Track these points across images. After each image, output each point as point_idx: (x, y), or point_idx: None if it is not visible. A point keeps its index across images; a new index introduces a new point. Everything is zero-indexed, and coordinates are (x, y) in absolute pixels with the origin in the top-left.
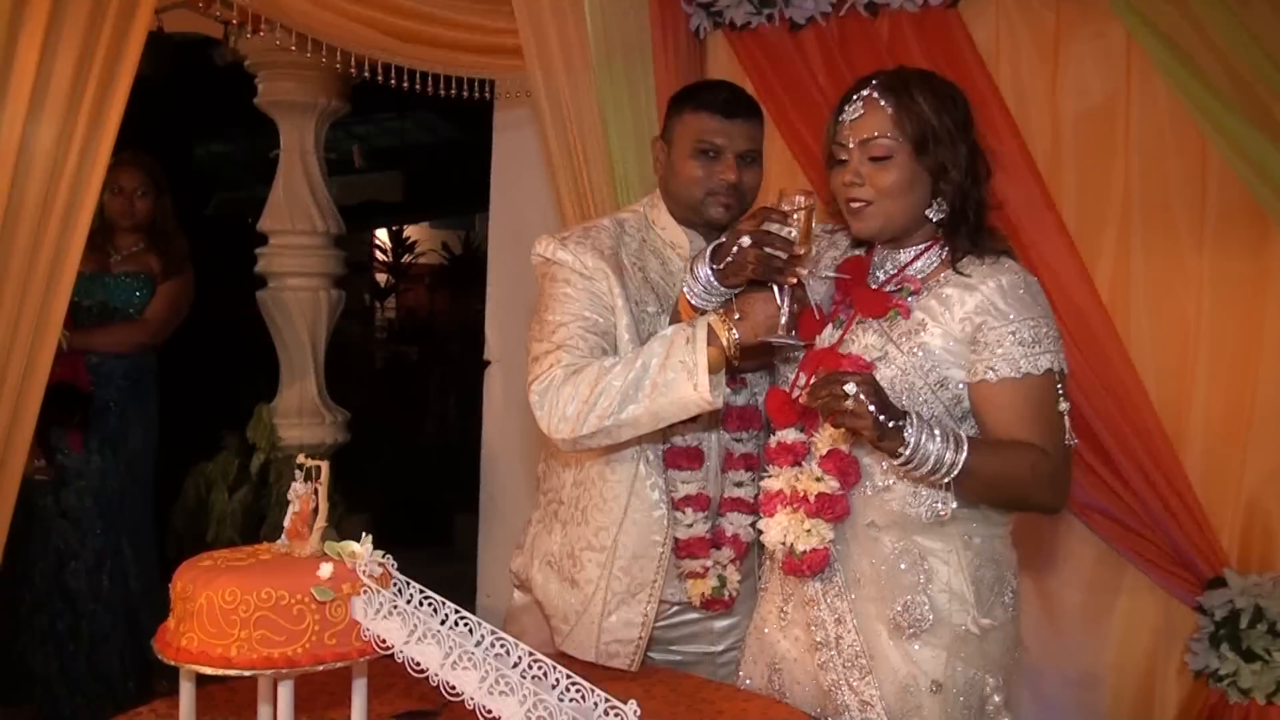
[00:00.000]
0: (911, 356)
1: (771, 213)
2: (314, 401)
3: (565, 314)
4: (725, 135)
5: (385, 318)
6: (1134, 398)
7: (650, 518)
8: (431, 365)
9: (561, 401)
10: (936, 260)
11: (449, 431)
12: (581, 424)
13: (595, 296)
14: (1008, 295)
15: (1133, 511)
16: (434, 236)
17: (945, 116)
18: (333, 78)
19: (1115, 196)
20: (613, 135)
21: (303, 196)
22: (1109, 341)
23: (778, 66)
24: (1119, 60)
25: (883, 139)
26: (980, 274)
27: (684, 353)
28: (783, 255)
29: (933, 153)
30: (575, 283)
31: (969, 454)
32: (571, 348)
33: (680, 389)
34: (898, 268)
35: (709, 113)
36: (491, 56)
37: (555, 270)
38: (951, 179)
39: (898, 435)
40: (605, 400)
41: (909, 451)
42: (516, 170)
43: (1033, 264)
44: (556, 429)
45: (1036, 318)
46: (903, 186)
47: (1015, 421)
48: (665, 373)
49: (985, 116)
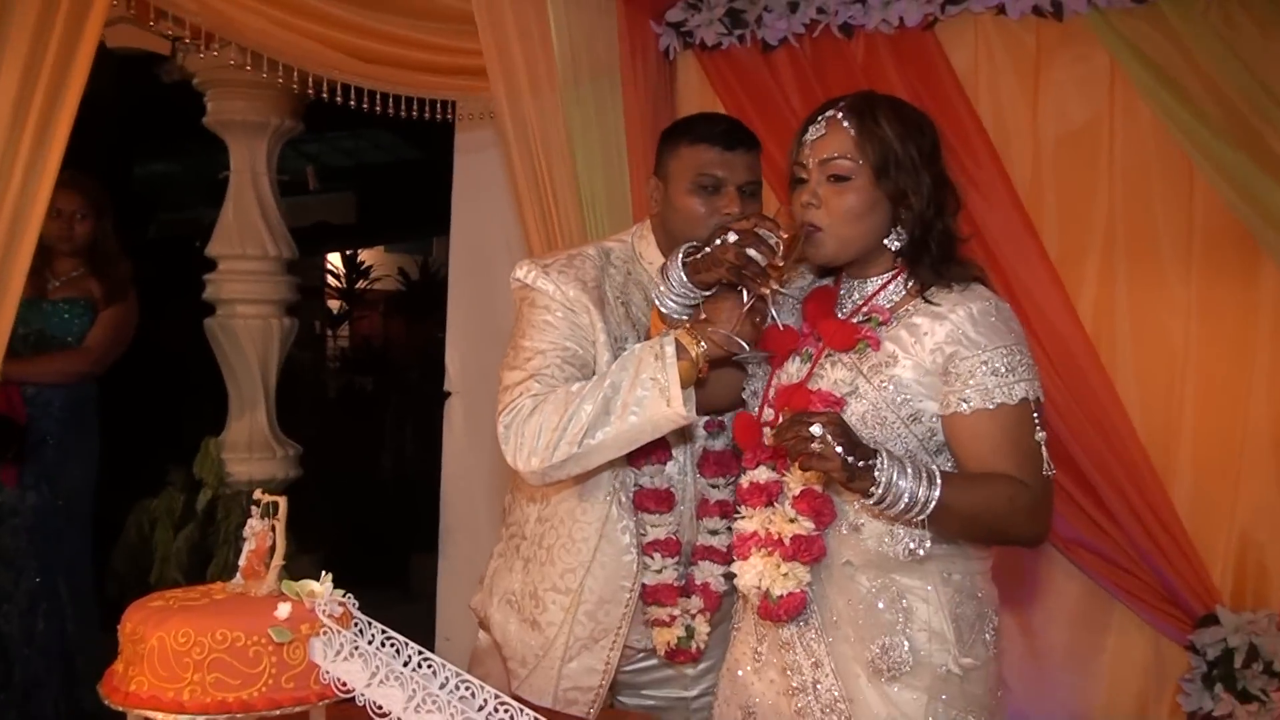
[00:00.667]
0: (882, 391)
1: (766, 220)
2: (264, 434)
3: (544, 341)
4: (726, 167)
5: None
6: (1119, 430)
7: (619, 562)
8: (388, 396)
9: (529, 433)
10: (904, 289)
11: (406, 466)
12: (552, 453)
13: (577, 328)
14: (979, 323)
15: (1119, 547)
16: (390, 261)
17: (910, 144)
18: (286, 96)
19: (1098, 223)
20: (580, 158)
21: (253, 219)
22: (1093, 372)
23: (750, 88)
24: (1101, 84)
25: (842, 160)
26: (950, 302)
27: (654, 369)
28: (762, 261)
29: (893, 178)
30: (556, 311)
31: (943, 489)
32: (545, 377)
33: (653, 406)
34: (864, 297)
35: (708, 145)
36: (454, 77)
37: (535, 297)
38: (911, 207)
39: (867, 475)
40: (575, 425)
41: (880, 490)
42: (479, 194)
43: (1013, 293)
44: (525, 462)
45: (1009, 345)
46: (860, 210)
47: (991, 453)
48: (636, 390)
49: (964, 142)
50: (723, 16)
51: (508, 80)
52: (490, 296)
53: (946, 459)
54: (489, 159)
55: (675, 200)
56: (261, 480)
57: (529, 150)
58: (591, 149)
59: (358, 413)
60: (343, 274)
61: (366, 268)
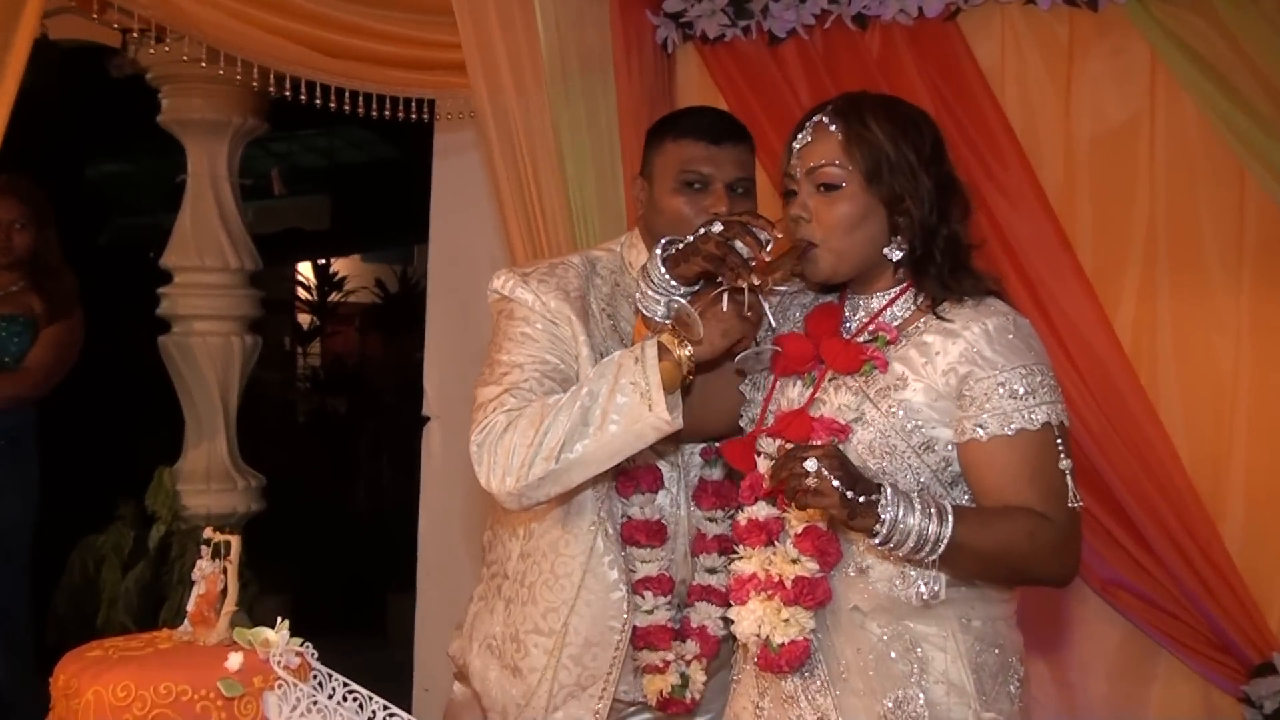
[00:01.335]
0: (891, 416)
1: (760, 218)
2: (224, 464)
3: (522, 355)
4: (712, 163)
5: (308, 365)
6: (1163, 459)
7: (607, 600)
8: (362, 421)
9: (502, 451)
10: (913, 305)
11: (382, 498)
12: (527, 471)
13: (558, 341)
14: (995, 341)
15: (1164, 588)
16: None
17: (904, 144)
18: (248, 93)
19: (1138, 232)
20: (569, 161)
21: (213, 228)
22: (1133, 396)
23: (755, 84)
24: (1141, 78)
25: (829, 166)
26: (963, 318)
27: (634, 373)
28: (746, 254)
29: (887, 182)
30: (535, 323)
31: (955, 526)
32: (522, 391)
33: (634, 412)
34: (870, 315)
35: (692, 139)
36: (431, 73)
37: (514, 308)
38: (909, 213)
39: (870, 512)
40: (551, 439)
41: (885, 529)
42: (459, 199)
43: (1044, 308)
44: (500, 483)
45: (1029, 365)
46: (853, 220)
47: (1010, 484)
48: (615, 398)
49: (989, 142)
50: (725, 6)
51: (489, 76)
52: (472, 313)
53: (963, 491)
54: (470, 162)
55: (659, 200)
56: (221, 514)
57: (513, 153)
58: (581, 151)
59: (329, 439)
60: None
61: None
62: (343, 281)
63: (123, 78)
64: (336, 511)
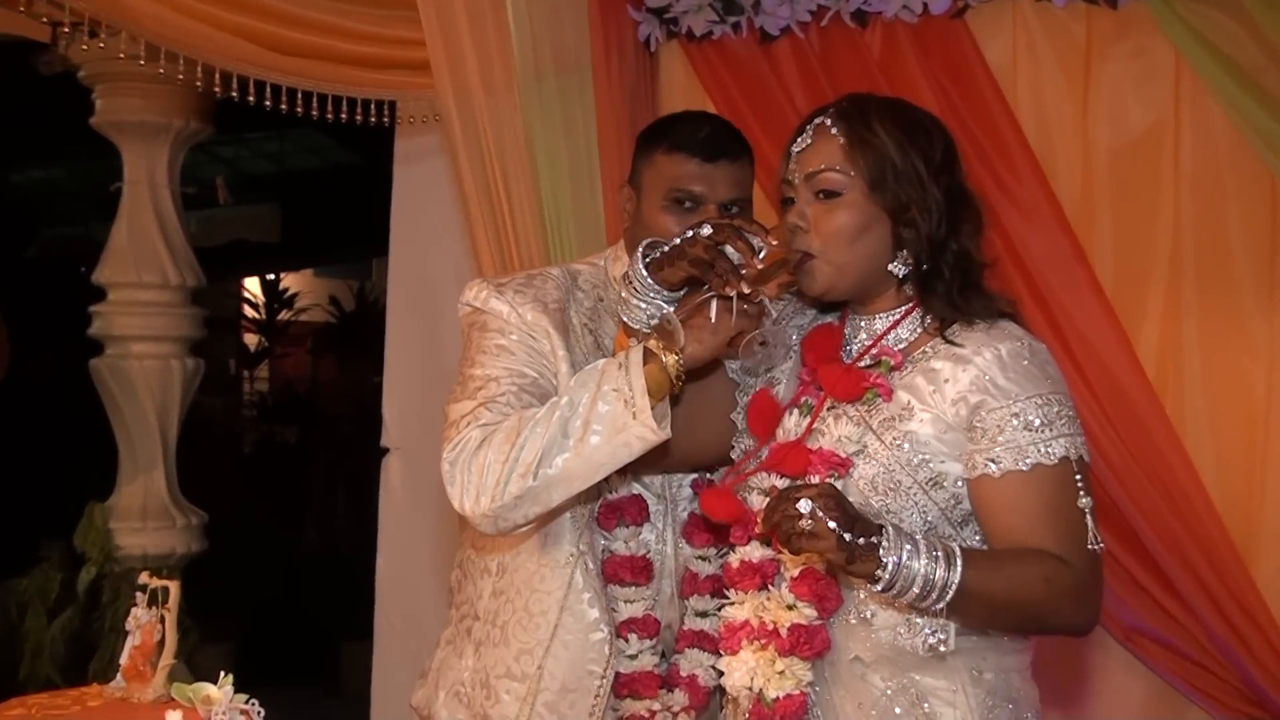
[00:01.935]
0: (896, 449)
1: (754, 223)
2: (162, 499)
3: (497, 368)
4: (705, 182)
5: (255, 391)
6: (1190, 495)
7: (587, 641)
8: (314, 452)
9: (476, 470)
10: (920, 327)
11: (336, 537)
12: (503, 490)
13: (536, 354)
14: (1009, 368)
15: (1192, 637)
16: (319, 287)
17: (911, 150)
18: (192, 93)
19: (1162, 247)
20: (542, 168)
21: (151, 240)
22: (1157, 426)
23: (746, 86)
24: (1165, 82)
25: (830, 172)
26: (975, 342)
27: (616, 379)
28: (736, 258)
29: (891, 190)
30: (511, 334)
31: (965, 570)
32: (498, 405)
33: (617, 421)
34: (873, 337)
35: (685, 154)
36: (392, 72)
37: (487, 320)
38: (915, 224)
39: (871, 555)
40: (528, 453)
41: (888, 574)
42: (422, 210)
43: (1060, 331)
44: (474, 504)
45: (1045, 394)
46: (853, 230)
47: (1025, 524)
48: (597, 406)
49: (1000, 151)
50: (713, 1)
51: (456, 76)
52: (435, 333)
53: (974, 531)
54: (434, 169)
55: (647, 216)
56: (158, 555)
57: (481, 159)
58: (556, 158)
59: (277, 472)
60: (262, 303)
61: (291, 295)
62: (293, 299)
63: (52, 76)
64: (286, 552)
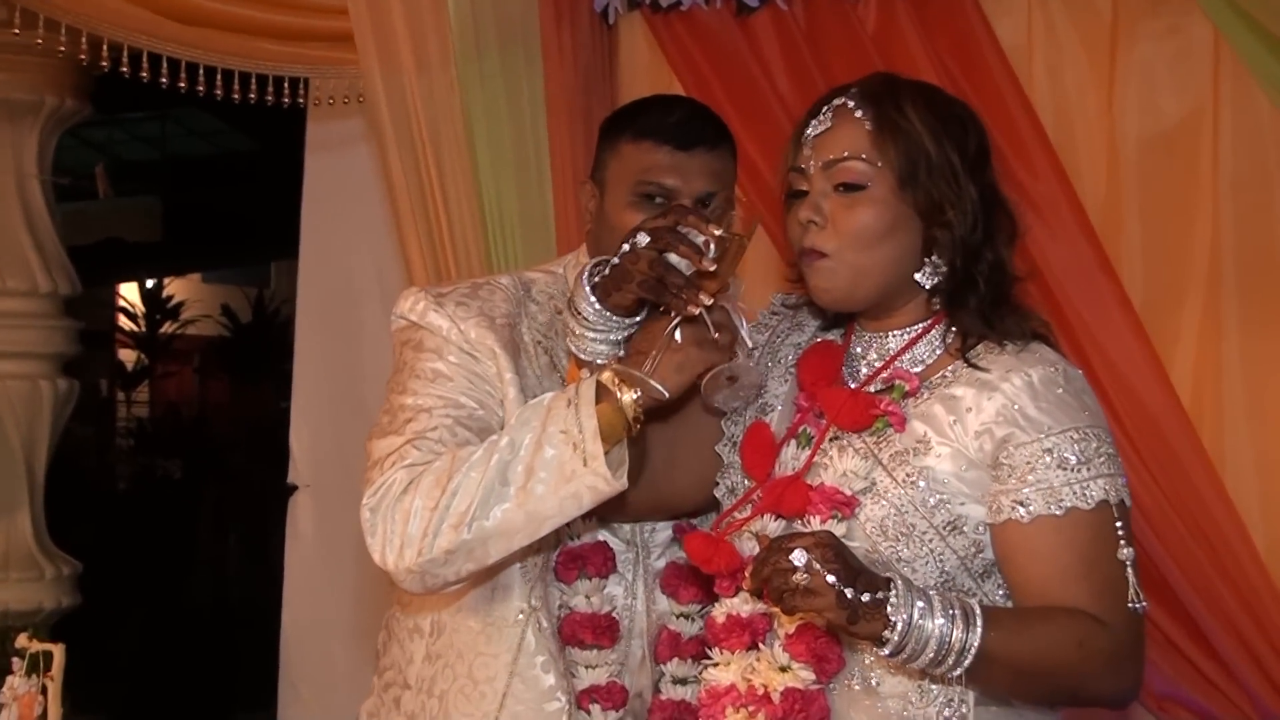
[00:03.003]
0: (910, 487)
1: (689, 212)
2: (27, 546)
3: (430, 397)
4: (678, 173)
5: (132, 416)
6: (1231, 543)
7: (541, 712)
8: (204, 490)
9: (400, 517)
10: (940, 346)
11: (231, 591)
12: (431, 542)
13: (477, 379)
14: (1041, 396)
15: (1234, 706)
16: (210, 295)
17: (947, 142)
18: (69, 67)
19: (1199, 255)
20: (483, 158)
21: (18, 240)
22: (1193, 461)
23: (719, 63)
24: (1203, 65)
25: (855, 161)
26: (1002, 367)
27: (565, 419)
28: (685, 268)
29: (924, 186)
30: (449, 356)
31: (986, 631)
32: (428, 443)
33: (565, 469)
34: (885, 357)
35: (654, 142)
36: (307, 45)
37: (423, 338)
38: (951, 226)
39: (877, 614)
40: (461, 501)
41: (897, 635)
42: (339, 205)
43: (1082, 351)
44: (397, 559)
45: (1083, 428)
46: (878, 230)
47: (1057, 578)
48: (543, 450)
49: (1014, 143)
50: None
51: (383, 49)
52: (354, 350)
53: (997, 584)
54: (355, 159)
55: (612, 215)
56: (23, 612)
57: (412, 147)
58: (499, 146)
59: (160, 513)
60: (140, 313)
61: (175, 305)
62: (178, 308)
63: None
64: (171, 608)
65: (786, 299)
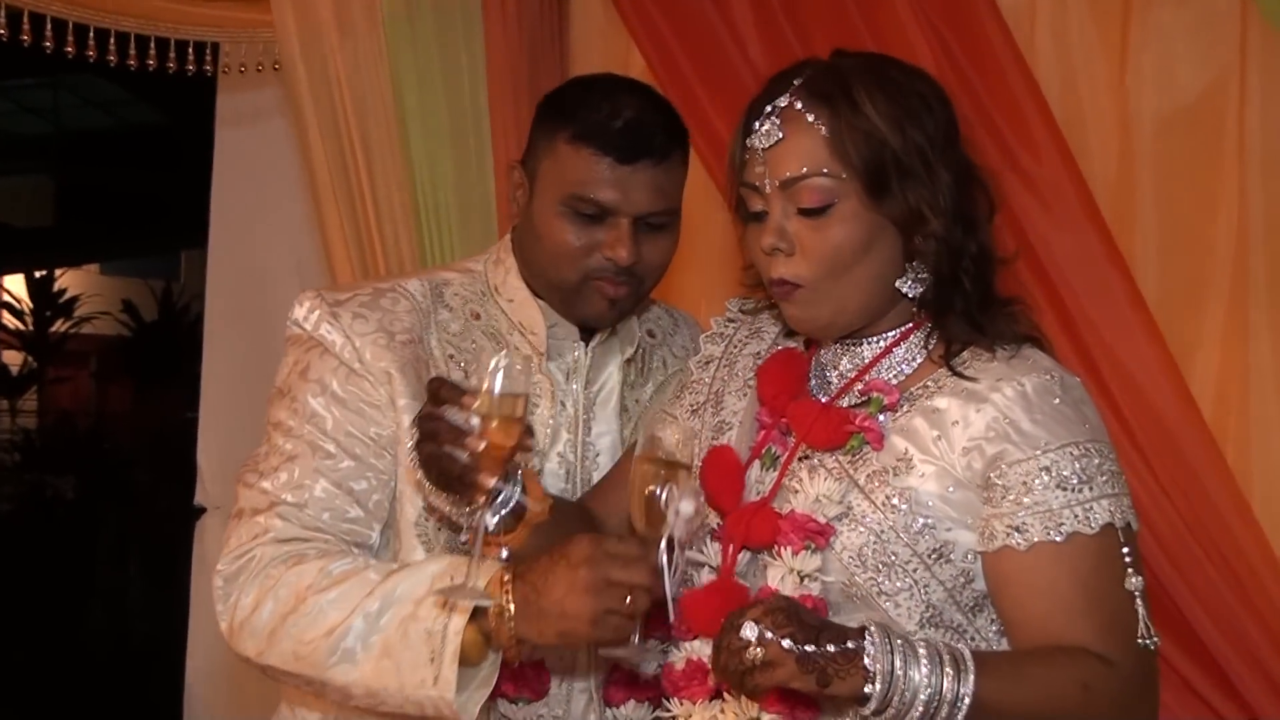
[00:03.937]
0: (890, 511)
1: (444, 386)
2: None
3: (303, 443)
4: (618, 188)
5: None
6: (1256, 570)
7: None
8: (102, 511)
9: (250, 603)
10: (921, 353)
11: (131, 624)
12: (273, 653)
13: (367, 410)
14: (1035, 408)
15: None
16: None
17: (913, 131)
18: None
19: (1222, 247)
20: (414, 134)
21: None
22: (1214, 481)
23: (683, 29)
24: (1228, 33)
25: (816, 178)
26: (991, 375)
27: (434, 620)
28: (461, 456)
29: (898, 192)
30: (334, 385)
31: (980, 679)
32: (295, 512)
33: (416, 673)
34: (859, 367)
35: (594, 149)
36: (216, 5)
37: (311, 359)
38: (931, 229)
39: (852, 668)
40: (311, 632)
41: (880, 686)
42: (254, 188)
43: (1088, 354)
44: (241, 642)
45: (1083, 443)
46: (855, 248)
47: (1058, 612)
48: (407, 638)
49: (1015, 123)
50: None
51: (301, 11)
52: (270, 352)
53: (990, 619)
54: (271, 134)
55: (539, 217)
56: None
57: (334, 120)
58: (434, 121)
59: (51, 537)
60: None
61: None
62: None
63: None
64: (63, 645)
65: (744, 304)
